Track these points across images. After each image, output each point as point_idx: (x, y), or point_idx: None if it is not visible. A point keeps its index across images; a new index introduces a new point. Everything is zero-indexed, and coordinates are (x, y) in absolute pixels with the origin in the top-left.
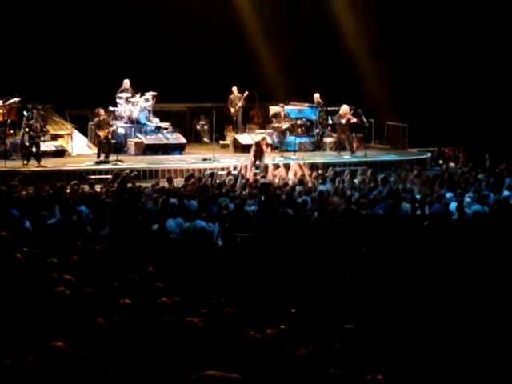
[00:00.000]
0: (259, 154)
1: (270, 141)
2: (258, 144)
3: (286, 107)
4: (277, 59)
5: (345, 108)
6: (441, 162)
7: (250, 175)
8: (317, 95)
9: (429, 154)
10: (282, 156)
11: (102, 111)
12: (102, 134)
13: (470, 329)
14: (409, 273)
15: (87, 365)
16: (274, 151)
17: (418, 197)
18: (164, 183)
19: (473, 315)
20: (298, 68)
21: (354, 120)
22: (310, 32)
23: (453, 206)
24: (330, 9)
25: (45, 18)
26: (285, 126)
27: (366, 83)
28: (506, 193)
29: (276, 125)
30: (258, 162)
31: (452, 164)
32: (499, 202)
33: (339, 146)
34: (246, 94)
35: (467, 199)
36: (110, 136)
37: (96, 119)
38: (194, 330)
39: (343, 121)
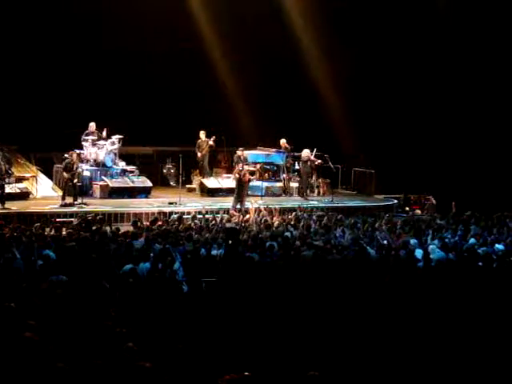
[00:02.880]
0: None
1: None
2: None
3: (254, 152)
4: (245, 104)
5: (305, 152)
6: (407, 208)
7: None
8: (283, 141)
9: (395, 201)
10: (248, 201)
11: (75, 155)
12: (67, 176)
13: (437, 371)
14: (374, 318)
15: None
16: None
17: (384, 243)
18: (129, 227)
19: (440, 358)
20: (267, 113)
21: (318, 161)
22: (280, 78)
23: (418, 252)
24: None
25: (9, 60)
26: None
27: (334, 130)
28: (471, 240)
29: (236, 169)
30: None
31: (418, 211)
32: (465, 249)
33: (304, 190)
34: (213, 138)
35: (432, 246)
36: (75, 179)
37: (66, 161)
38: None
39: (307, 164)
